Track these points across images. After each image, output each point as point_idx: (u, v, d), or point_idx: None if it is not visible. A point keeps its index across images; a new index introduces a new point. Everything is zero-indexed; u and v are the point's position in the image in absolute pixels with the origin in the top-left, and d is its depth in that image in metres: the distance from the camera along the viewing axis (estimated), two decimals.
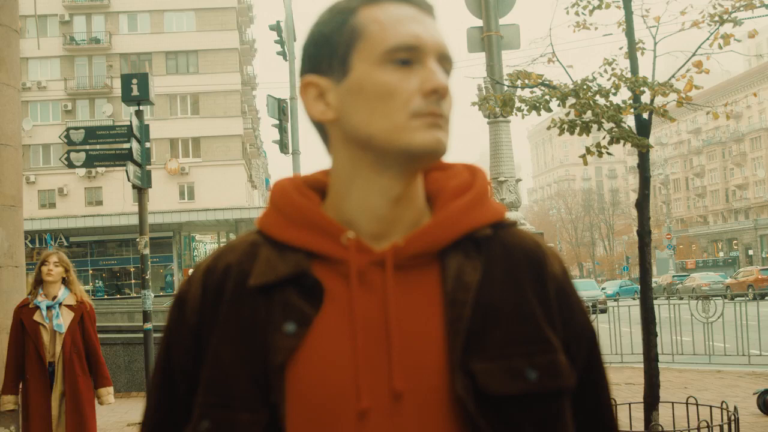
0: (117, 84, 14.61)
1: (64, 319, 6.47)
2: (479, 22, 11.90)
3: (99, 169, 52.03)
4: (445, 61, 1.26)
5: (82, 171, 52.89)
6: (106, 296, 50.24)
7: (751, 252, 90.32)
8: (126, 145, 12.07)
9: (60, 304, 6.51)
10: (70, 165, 12.30)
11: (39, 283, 6.57)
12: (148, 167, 12.35)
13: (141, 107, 12.31)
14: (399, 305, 1.21)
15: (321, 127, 1.31)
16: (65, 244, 55.86)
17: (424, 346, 1.19)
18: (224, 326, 1.23)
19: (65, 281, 6.65)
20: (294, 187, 1.31)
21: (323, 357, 1.19)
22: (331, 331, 1.20)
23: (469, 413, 1.15)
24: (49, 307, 6.47)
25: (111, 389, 6.76)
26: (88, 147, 12.39)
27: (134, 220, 12.51)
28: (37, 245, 55.39)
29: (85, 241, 57.19)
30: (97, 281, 57.62)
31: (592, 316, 12.37)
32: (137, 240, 12.47)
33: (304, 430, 1.17)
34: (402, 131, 1.20)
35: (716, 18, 6.51)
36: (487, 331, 1.20)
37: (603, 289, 48.83)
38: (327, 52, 1.26)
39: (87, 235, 56.42)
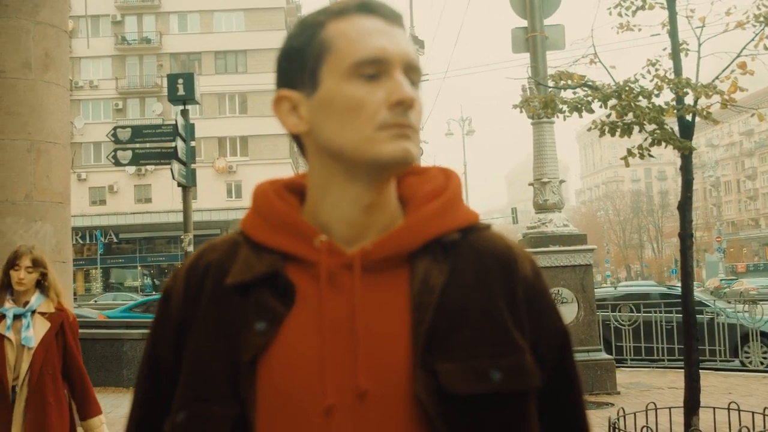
0: (166, 83, 14.83)
1: (36, 331, 5.02)
2: (524, 23, 11.86)
3: (148, 167, 52.69)
4: (412, 71, 1.28)
5: (132, 169, 53.57)
6: (154, 293, 50.92)
7: None
8: (171, 144, 12.27)
9: (33, 312, 5.07)
10: (117, 163, 12.54)
11: (7, 286, 5.14)
12: (193, 166, 12.55)
13: (187, 107, 12.51)
14: (367, 306, 1.24)
15: (297, 138, 1.34)
16: (115, 240, 56.77)
17: (390, 347, 1.22)
18: (202, 322, 1.28)
19: (40, 285, 5.18)
20: (274, 190, 1.36)
21: (292, 354, 1.22)
22: (301, 329, 1.24)
23: (429, 413, 1.18)
24: (17, 316, 5.04)
25: (102, 417, 5.28)
26: (134, 145, 12.62)
27: (182, 218, 12.68)
28: (87, 241, 56.39)
29: (134, 237, 58.05)
30: (145, 277, 58.40)
31: (632, 315, 12.19)
32: (182, 237, 12.66)
33: (272, 423, 1.20)
34: (370, 143, 1.23)
35: (761, 19, 6.43)
36: (452, 332, 1.23)
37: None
38: (298, 66, 1.30)
39: (136, 232, 57.24)
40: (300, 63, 1.29)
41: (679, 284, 6.80)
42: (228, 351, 1.23)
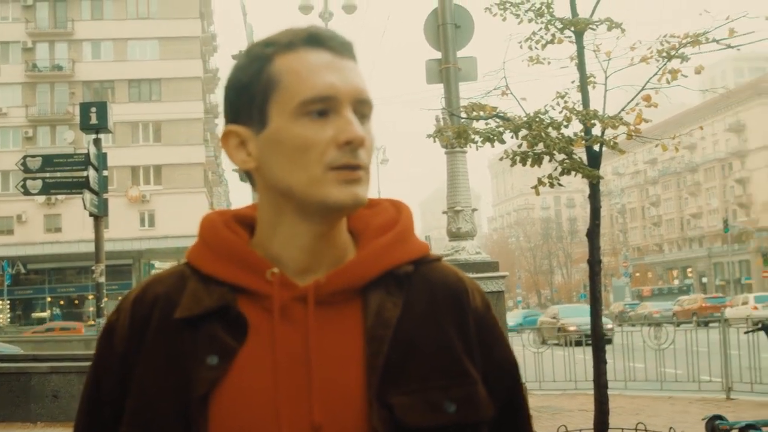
0: (79, 111, 14.41)
1: None
2: (438, 54, 12.06)
3: (58, 196, 51.48)
4: (363, 105, 1.26)
5: (42, 198, 52.29)
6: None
7: (704, 279, 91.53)
8: (83, 173, 12.08)
9: None
10: (26, 192, 12.30)
11: None
12: (105, 195, 12.36)
13: (99, 135, 12.34)
14: (321, 340, 1.23)
15: (247, 172, 1.32)
16: (23, 270, 55.17)
17: (344, 380, 1.22)
18: (149, 357, 1.26)
19: None
20: (223, 221, 1.33)
21: (245, 389, 1.21)
22: (254, 364, 1.22)
23: None
24: None
25: None
26: (45, 174, 12.39)
27: (93, 247, 12.46)
28: None
29: (44, 268, 56.52)
30: (54, 309, 56.89)
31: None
32: (93, 268, 12.44)
33: None
34: (318, 185, 1.22)
35: (664, 54, 6.63)
36: (406, 365, 1.23)
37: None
38: (245, 101, 1.28)
39: (45, 262, 55.76)
40: (247, 98, 1.27)
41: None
42: (178, 386, 1.21)
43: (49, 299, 57.89)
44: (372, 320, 1.25)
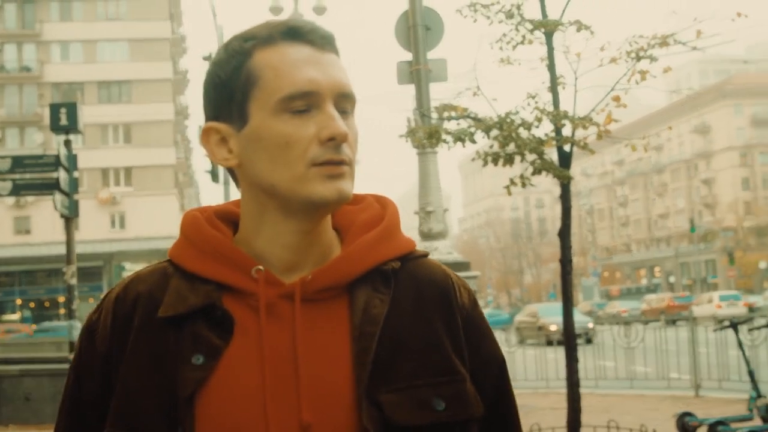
0: (48, 113, 14.16)
1: None
2: (410, 56, 12.10)
3: (28, 198, 50.92)
4: (346, 99, 1.24)
5: (11, 199, 51.71)
6: (33, 326, 49.08)
7: (672, 279, 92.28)
8: (54, 175, 11.99)
9: None
10: None
11: None
12: (76, 197, 12.27)
13: (70, 137, 12.24)
14: (308, 337, 1.22)
15: (230, 169, 1.31)
16: None
17: (333, 378, 1.21)
18: (133, 356, 1.23)
19: None
20: (205, 218, 1.31)
21: (232, 389, 1.20)
22: (241, 363, 1.21)
23: None
24: None
25: None
26: (14, 176, 12.30)
27: (63, 250, 12.35)
28: None
29: (13, 270, 55.87)
30: (24, 311, 56.30)
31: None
32: (64, 270, 12.35)
33: None
34: (302, 181, 1.20)
35: (633, 55, 6.70)
36: (395, 362, 1.22)
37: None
38: (225, 98, 1.25)
39: (15, 264, 55.13)
40: (227, 95, 1.25)
41: None
42: (163, 385, 1.20)
43: (19, 301, 57.22)
44: (359, 317, 1.23)
